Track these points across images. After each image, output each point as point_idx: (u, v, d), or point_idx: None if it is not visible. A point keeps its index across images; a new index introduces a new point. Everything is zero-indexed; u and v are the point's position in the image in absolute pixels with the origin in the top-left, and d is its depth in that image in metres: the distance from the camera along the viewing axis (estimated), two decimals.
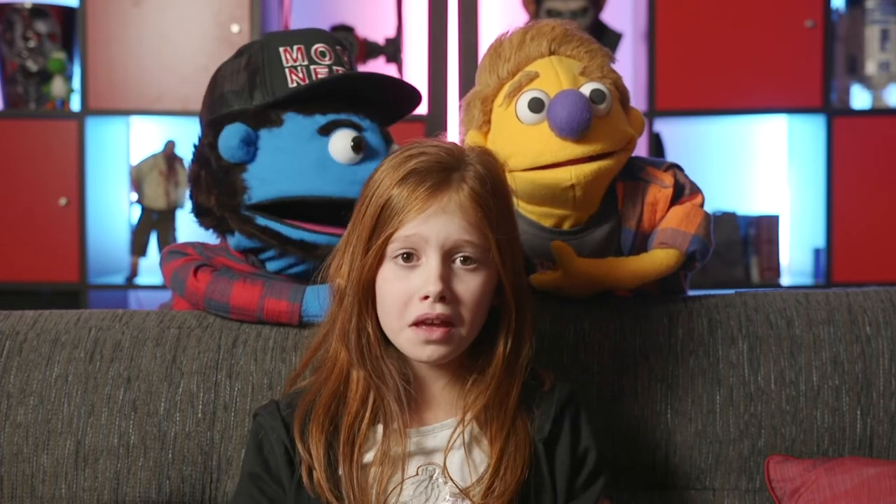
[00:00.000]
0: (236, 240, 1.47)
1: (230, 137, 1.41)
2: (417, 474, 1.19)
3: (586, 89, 1.39)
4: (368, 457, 1.19)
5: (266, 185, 1.41)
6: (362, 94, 1.47)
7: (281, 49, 1.46)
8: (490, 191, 1.18)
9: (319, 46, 1.47)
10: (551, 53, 1.43)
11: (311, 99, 1.44)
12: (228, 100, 1.47)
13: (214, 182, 1.44)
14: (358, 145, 1.41)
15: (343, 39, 1.55)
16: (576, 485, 1.22)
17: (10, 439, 1.38)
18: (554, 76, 1.40)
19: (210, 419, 1.38)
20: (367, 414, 1.19)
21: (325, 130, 1.42)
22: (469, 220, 1.16)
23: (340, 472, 1.17)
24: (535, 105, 1.39)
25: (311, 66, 1.45)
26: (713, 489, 1.42)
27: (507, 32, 1.47)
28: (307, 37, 1.48)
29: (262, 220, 1.41)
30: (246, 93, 1.45)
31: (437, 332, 1.15)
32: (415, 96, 1.51)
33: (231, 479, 1.37)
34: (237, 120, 1.43)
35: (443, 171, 1.17)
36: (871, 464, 1.32)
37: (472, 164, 1.19)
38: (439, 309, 1.15)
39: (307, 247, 1.41)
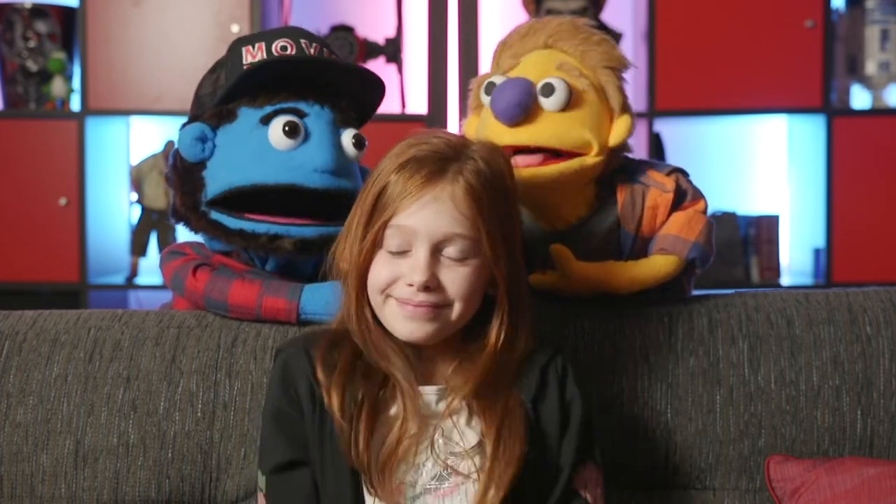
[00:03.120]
0: (205, 240, 1.49)
1: (185, 136, 1.43)
2: (423, 435, 1.18)
3: (543, 81, 1.38)
4: (384, 416, 1.19)
5: (216, 180, 1.43)
6: (319, 83, 1.46)
7: (243, 49, 1.47)
8: (486, 185, 1.19)
9: (281, 42, 1.46)
10: (546, 47, 1.43)
11: (262, 91, 1.43)
12: (202, 102, 1.49)
13: (180, 182, 1.46)
14: (292, 129, 1.40)
15: (343, 38, 1.55)
16: (566, 436, 1.22)
17: (9, 439, 1.38)
18: (530, 67, 1.40)
19: (210, 418, 1.38)
20: (380, 378, 1.20)
21: (266, 119, 1.42)
22: (461, 211, 1.17)
23: (358, 428, 1.17)
24: (489, 88, 1.41)
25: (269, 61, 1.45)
26: (713, 489, 1.42)
27: (523, 24, 1.47)
28: (272, 34, 1.48)
29: (213, 215, 1.43)
30: (210, 95, 1.48)
31: (422, 309, 1.17)
32: (374, 82, 1.50)
33: (231, 478, 1.37)
34: (199, 120, 1.45)
35: (441, 160, 1.18)
36: (871, 464, 1.32)
37: (474, 159, 1.20)
38: (422, 297, 1.17)
39: (247, 236, 1.41)
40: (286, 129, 1.40)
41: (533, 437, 1.20)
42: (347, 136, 1.45)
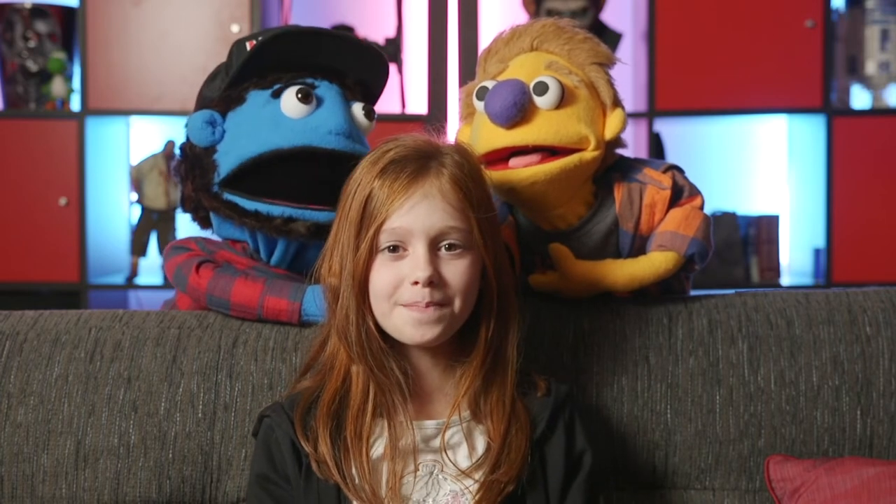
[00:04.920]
0: (215, 225, 1.50)
1: (194, 122, 1.45)
2: (419, 471, 1.20)
3: (535, 80, 1.38)
4: (376, 451, 1.20)
5: (229, 157, 1.44)
6: (326, 63, 1.48)
7: (247, 43, 1.48)
8: (468, 174, 1.21)
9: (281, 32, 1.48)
10: (532, 49, 1.44)
11: (269, 73, 1.46)
12: (205, 97, 1.51)
13: (190, 169, 1.47)
14: (305, 95, 1.42)
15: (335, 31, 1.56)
16: (571, 487, 1.22)
17: (10, 439, 1.38)
18: (519, 69, 1.41)
19: (210, 419, 1.38)
20: (370, 407, 1.21)
21: (277, 93, 1.44)
22: (451, 202, 1.19)
23: (353, 469, 1.18)
24: (481, 93, 1.41)
25: None
26: (713, 489, 1.42)
27: (505, 30, 1.47)
28: (272, 29, 1.50)
29: (227, 195, 1.44)
30: (218, 89, 1.50)
31: (429, 311, 1.18)
32: (378, 59, 1.52)
33: (231, 479, 1.37)
34: (206, 107, 1.47)
35: (420, 158, 1.20)
36: (871, 464, 1.32)
37: (449, 154, 1.22)
38: (428, 295, 1.17)
39: (261, 218, 1.42)
40: (299, 95, 1.42)
41: (535, 475, 1.20)
42: (358, 108, 1.47)
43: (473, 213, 1.20)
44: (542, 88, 1.37)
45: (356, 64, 1.51)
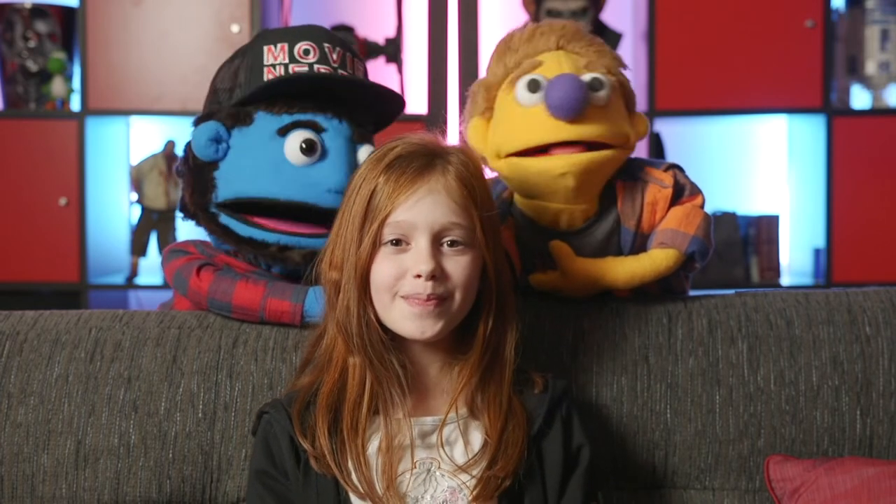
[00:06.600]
0: (213, 239, 1.49)
1: (199, 136, 1.42)
2: (416, 467, 1.20)
3: (586, 77, 1.40)
4: (373, 446, 1.21)
5: (228, 185, 1.42)
6: (340, 95, 1.46)
7: (265, 47, 1.45)
8: (473, 174, 1.22)
9: (304, 45, 1.45)
10: (559, 48, 1.44)
11: (280, 98, 1.43)
12: (218, 97, 1.48)
13: (191, 179, 1.45)
14: (310, 147, 1.40)
15: (345, 38, 1.53)
16: (569, 481, 1.23)
17: (10, 439, 1.38)
18: (557, 65, 1.41)
19: (210, 419, 1.38)
20: (366, 399, 1.21)
21: (284, 131, 1.41)
22: (455, 199, 1.20)
23: (350, 464, 1.19)
24: (533, 86, 1.40)
25: (290, 65, 1.44)
26: (713, 489, 1.42)
27: (518, 28, 1.48)
28: (295, 34, 1.46)
29: (223, 218, 1.43)
30: (228, 91, 1.47)
31: (430, 305, 1.18)
32: (395, 99, 1.50)
33: (231, 479, 1.37)
34: (214, 118, 1.43)
35: (426, 155, 1.21)
36: (871, 464, 1.32)
37: (454, 153, 1.23)
38: (430, 288, 1.18)
39: (256, 245, 1.41)
40: (303, 146, 1.40)
41: (532, 471, 1.21)
42: (364, 153, 1.44)
43: (477, 212, 1.21)
44: (598, 84, 1.39)
45: (372, 100, 1.48)
